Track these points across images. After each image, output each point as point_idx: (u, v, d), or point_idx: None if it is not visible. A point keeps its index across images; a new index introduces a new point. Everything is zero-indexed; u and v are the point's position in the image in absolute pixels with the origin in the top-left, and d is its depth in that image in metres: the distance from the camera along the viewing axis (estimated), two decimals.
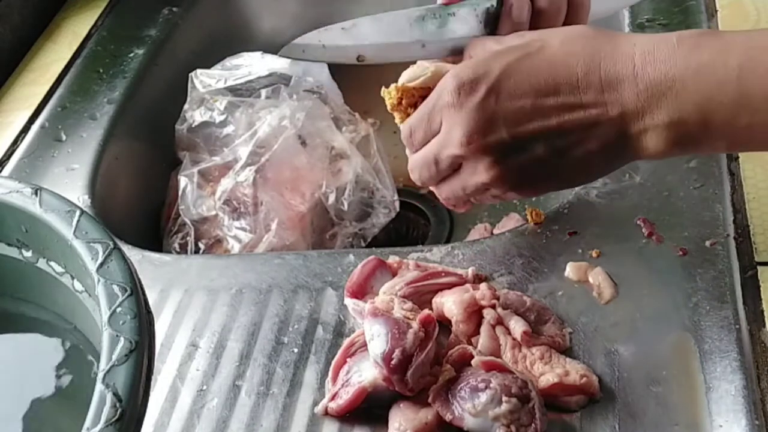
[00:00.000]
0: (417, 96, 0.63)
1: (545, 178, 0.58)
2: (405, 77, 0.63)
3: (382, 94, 0.64)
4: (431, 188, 0.65)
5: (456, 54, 0.65)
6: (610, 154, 0.55)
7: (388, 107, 0.65)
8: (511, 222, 0.93)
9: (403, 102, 0.63)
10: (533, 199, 0.99)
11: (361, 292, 0.69)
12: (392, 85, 0.64)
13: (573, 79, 0.53)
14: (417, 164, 0.62)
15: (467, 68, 0.56)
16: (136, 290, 0.51)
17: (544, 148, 0.56)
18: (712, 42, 0.50)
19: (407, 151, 0.64)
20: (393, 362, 0.59)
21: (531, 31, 0.60)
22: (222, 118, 0.93)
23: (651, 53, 0.51)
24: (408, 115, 0.63)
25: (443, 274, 0.69)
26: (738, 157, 0.77)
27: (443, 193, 0.63)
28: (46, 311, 0.63)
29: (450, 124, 0.57)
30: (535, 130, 0.55)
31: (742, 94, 0.48)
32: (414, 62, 0.65)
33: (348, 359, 0.64)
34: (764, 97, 0.48)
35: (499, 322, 0.65)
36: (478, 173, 0.58)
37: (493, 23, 0.64)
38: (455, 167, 0.60)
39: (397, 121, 0.65)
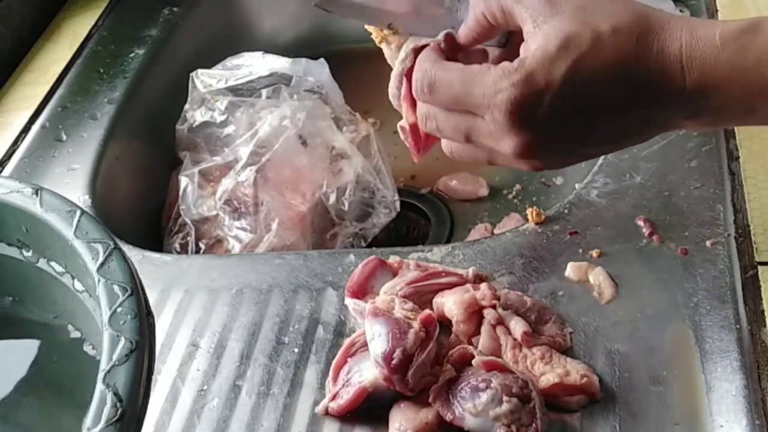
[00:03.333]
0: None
1: (579, 161, 0.59)
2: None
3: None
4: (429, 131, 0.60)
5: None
6: (651, 137, 0.57)
7: (376, 39, 0.62)
8: (511, 222, 0.93)
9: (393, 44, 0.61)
10: (533, 198, 1.00)
11: (362, 292, 0.69)
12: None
13: (627, 87, 0.53)
14: (439, 119, 0.58)
15: (527, 81, 0.52)
16: (136, 290, 0.51)
17: (592, 149, 0.57)
18: (754, 43, 0.50)
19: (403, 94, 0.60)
20: (394, 362, 0.59)
21: None
22: (223, 118, 0.93)
23: (696, 56, 0.51)
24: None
25: (444, 274, 0.69)
26: (739, 157, 0.77)
27: (457, 152, 0.60)
28: (47, 311, 0.63)
29: (500, 130, 0.54)
30: (589, 139, 0.55)
31: None
32: None
33: (348, 359, 0.64)
34: None
35: (500, 322, 0.64)
36: (515, 165, 0.57)
37: None
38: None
39: (386, 52, 0.62)
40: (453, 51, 0.59)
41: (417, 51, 0.59)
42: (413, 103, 0.60)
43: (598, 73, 0.52)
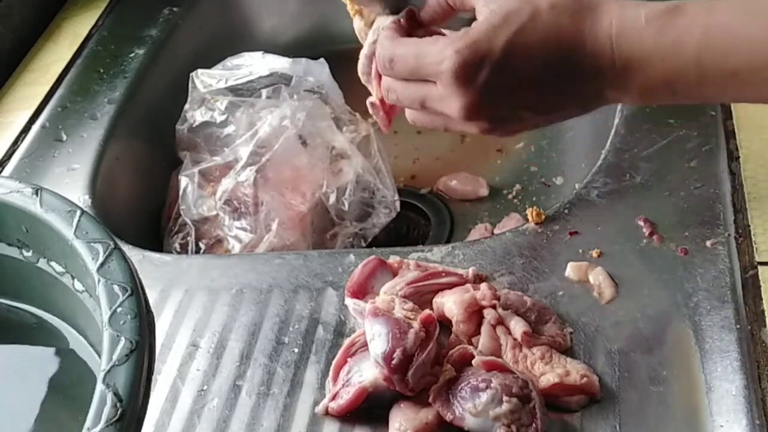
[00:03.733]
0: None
1: (522, 130, 0.64)
2: None
3: None
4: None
5: None
6: (586, 111, 0.62)
7: (350, 11, 0.67)
8: (511, 222, 0.93)
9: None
10: (533, 198, 1.00)
11: (362, 292, 0.69)
12: None
13: (563, 57, 0.57)
14: (398, 90, 0.63)
15: (470, 47, 0.57)
16: (136, 290, 0.51)
17: (533, 114, 0.61)
18: (675, 22, 0.55)
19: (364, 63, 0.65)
20: (394, 362, 0.59)
21: None
22: (223, 118, 0.93)
23: (624, 32, 0.56)
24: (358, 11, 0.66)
25: (444, 274, 0.69)
26: (739, 157, 0.77)
27: (416, 118, 0.65)
28: (47, 311, 0.63)
29: (447, 93, 0.59)
30: (530, 104, 0.60)
31: (701, 73, 0.54)
32: None
33: (348, 359, 0.64)
34: (720, 74, 0.54)
35: (500, 322, 0.64)
36: (466, 128, 0.62)
37: None
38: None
39: (356, 24, 0.67)
40: (413, 27, 0.64)
41: None
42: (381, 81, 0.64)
43: (535, 44, 0.57)
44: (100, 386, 0.46)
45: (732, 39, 0.54)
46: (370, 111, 0.68)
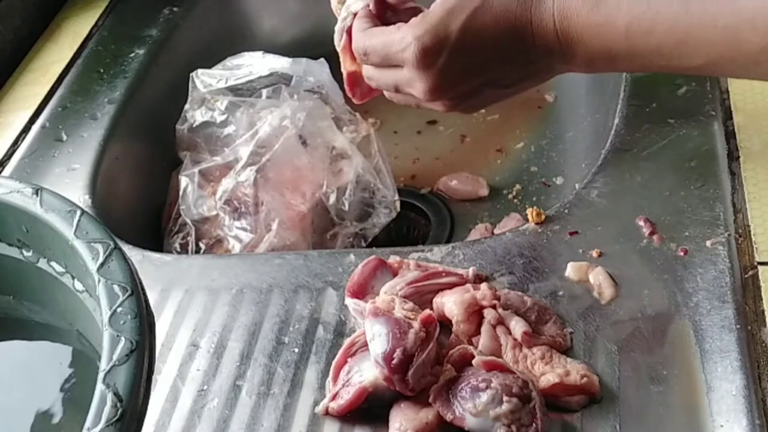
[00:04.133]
0: None
1: (485, 104, 0.70)
2: None
3: None
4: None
5: None
6: (540, 83, 0.68)
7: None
8: (511, 222, 0.93)
9: None
10: (533, 198, 1.00)
11: (362, 292, 0.69)
12: None
13: (514, 37, 0.63)
14: (375, 77, 0.69)
15: (428, 33, 0.62)
16: (136, 290, 0.51)
17: (492, 90, 0.67)
18: (606, 3, 0.61)
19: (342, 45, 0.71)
20: (394, 362, 0.59)
21: None
22: (223, 118, 0.93)
23: (563, 11, 0.62)
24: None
25: (444, 274, 0.69)
26: (739, 157, 0.77)
27: (393, 98, 0.71)
28: (47, 311, 0.63)
29: (412, 77, 0.65)
30: (488, 81, 0.66)
31: (631, 47, 0.61)
32: None
33: (349, 359, 0.64)
34: (648, 49, 0.61)
35: (500, 322, 0.64)
36: (433, 106, 0.68)
37: None
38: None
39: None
40: (382, 10, 0.70)
41: (355, 14, 0.70)
42: (352, 56, 0.71)
43: (487, 25, 0.63)
44: (100, 386, 0.46)
45: (653, 17, 0.60)
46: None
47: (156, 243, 0.93)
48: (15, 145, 0.93)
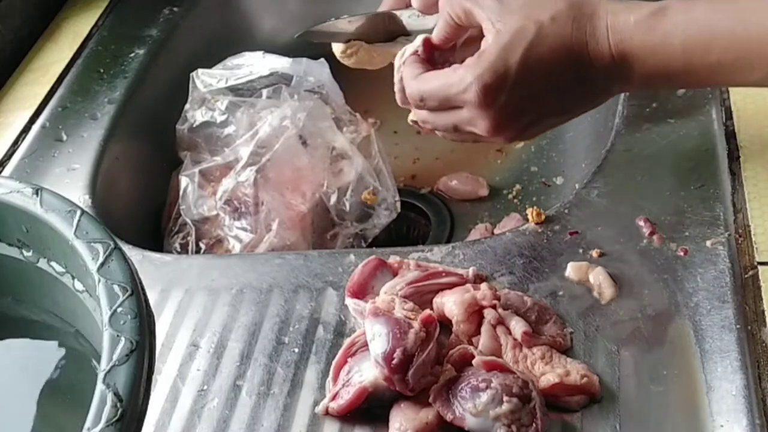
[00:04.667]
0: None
1: (545, 130, 0.70)
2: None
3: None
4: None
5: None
6: (598, 105, 0.68)
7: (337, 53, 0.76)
8: (511, 222, 0.93)
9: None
10: (533, 198, 1.00)
11: (362, 292, 0.69)
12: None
13: (572, 63, 0.63)
14: (431, 120, 0.69)
15: (488, 71, 0.62)
16: (136, 290, 0.51)
17: (552, 117, 0.67)
18: (659, 25, 0.61)
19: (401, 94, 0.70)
20: (394, 362, 0.59)
21: None
22: (223, 118, 0.93)
23: (617, 34, 0.62)
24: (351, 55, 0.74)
25: (444, 274, 0.69)
26: (739, 157, 0.77)
27: (450, 138, 0.70)
28: (47, 311, 0.63)
29: (474, 116, 0.65)
30: (548, 110, 0.66)
31: (687, 65, 0.62)
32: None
33: (349, 359, 0.64)
34: (707, 66, 0.61)
35: (500, 322, 0.65)
36: (495, 140, 0.68)
37: None
38: None
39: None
40: (430, 52, 0.69)
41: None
42: None
43: (545, 56, 0.62)
44: (100, 386, 0.46)
45: (710, 35, 0.60)
46: (415, 126, 0.73)
47: (156, 243, 0.93)
48: (15, 145, 0.93)
